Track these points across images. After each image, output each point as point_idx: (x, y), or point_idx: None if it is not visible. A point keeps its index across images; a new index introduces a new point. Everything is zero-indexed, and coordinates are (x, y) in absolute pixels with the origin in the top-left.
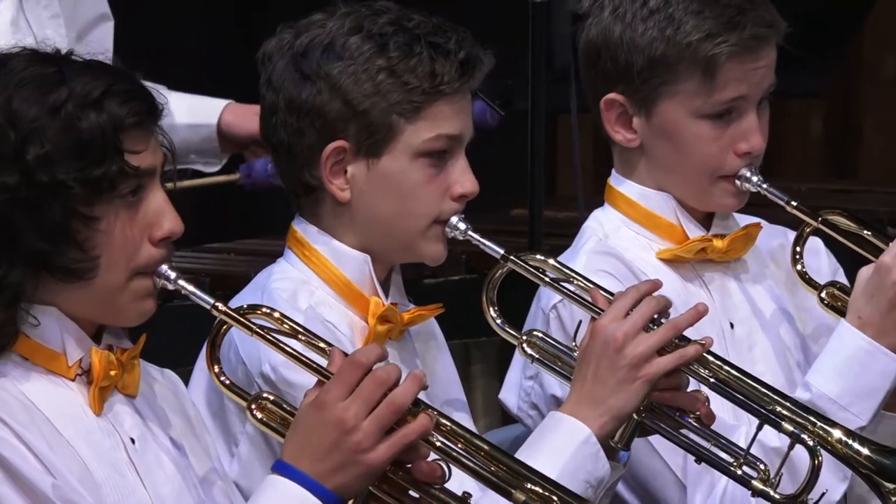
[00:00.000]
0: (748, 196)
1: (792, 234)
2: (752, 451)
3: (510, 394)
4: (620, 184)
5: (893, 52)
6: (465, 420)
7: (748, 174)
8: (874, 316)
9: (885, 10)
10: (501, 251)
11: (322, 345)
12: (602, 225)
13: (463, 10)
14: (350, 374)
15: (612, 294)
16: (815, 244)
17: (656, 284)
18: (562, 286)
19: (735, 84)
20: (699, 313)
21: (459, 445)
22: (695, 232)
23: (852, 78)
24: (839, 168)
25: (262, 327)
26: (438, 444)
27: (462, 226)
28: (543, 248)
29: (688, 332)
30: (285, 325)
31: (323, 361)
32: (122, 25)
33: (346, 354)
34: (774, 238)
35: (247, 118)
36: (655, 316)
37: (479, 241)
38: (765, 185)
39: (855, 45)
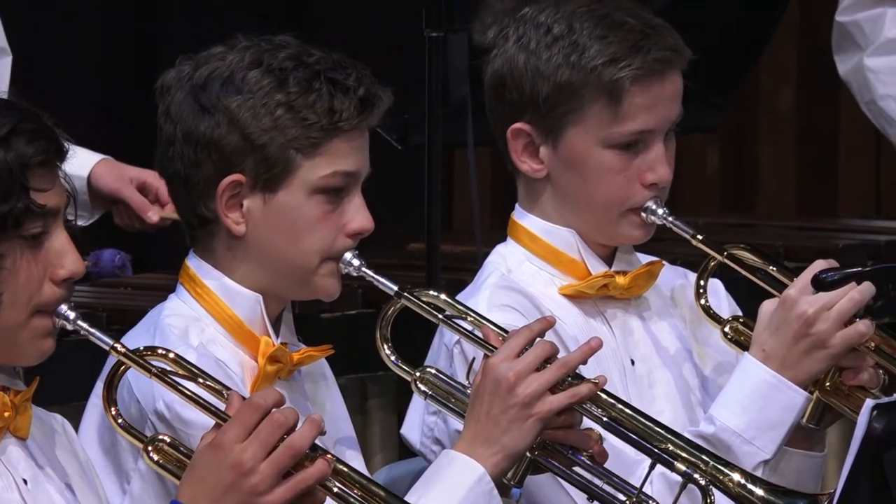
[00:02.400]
0: (654, 229)
1: (692, 276)
2: (657, 484)
3: (412, 429)
4: (523, 218)
5: (790, 85)
6: (356, 457)
7: (654, 206)
8: (778, 349)
9: (781, 42)
10: (395, 287)
11: (218, 387)
12: (505, 259)
13: (360, 44)
14: (248, 416)
15: (505, 331)
16: (715, 286)
17: (550, 322)
18: (455, 323)
19: (642, 111)
20: (591, 349)
21: (356, 491)
22: (597, 268)
23: (749, 111)
24: (736, 201)
25: (160, 369)
26: (335, 489)
27: (356, 262)
28: (440, 282)
29: (588, 368)
30: (183, 368)
31: (220, 404)
32: (18, 60)
33: (244, 398)
34: (676, 278)
35: (115, 176)
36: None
37: (372, 277)
38: (670, 218)
39: (751, 78)
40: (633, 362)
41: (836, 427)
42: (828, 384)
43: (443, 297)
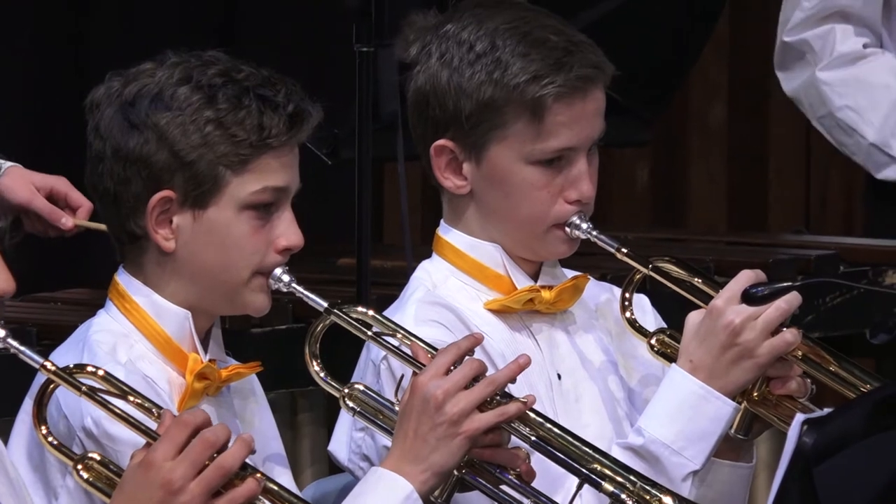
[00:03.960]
0: (578, 243)
1: (618, 290)
2: (585, 502)
3: (340, 446)
4: (448, 233)
5: (720, 101)
6: (285, 474)
7: (578, 221)
8: (706, 359)
9: (712, 58)
10: (325, 304)
11: (148, 405)
12: (430, 275)
13: (291, 59)
14: (178, 434)
15: (434, 348)
16: (641, 300)
17: (478, 339)
18: (384, 340)
19: (564, 128)
20: (519, 367)
21: None
22: (522, 283)
23: (679, 126)
24: (666, 217)
25: (90, 387)
26: None
27: (286, 278)
28: (371, 297)
29: (516, 383)
30: (113, 386)
31: (150, 422)
32: None
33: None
34: (601, 292)
35: (22, 185)
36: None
37: (302, 293)
38: (595, 233)
39: (681, 94)
40: (559, 376)
41: (767, 439)
42: (755, 394)
43: (371, 313)
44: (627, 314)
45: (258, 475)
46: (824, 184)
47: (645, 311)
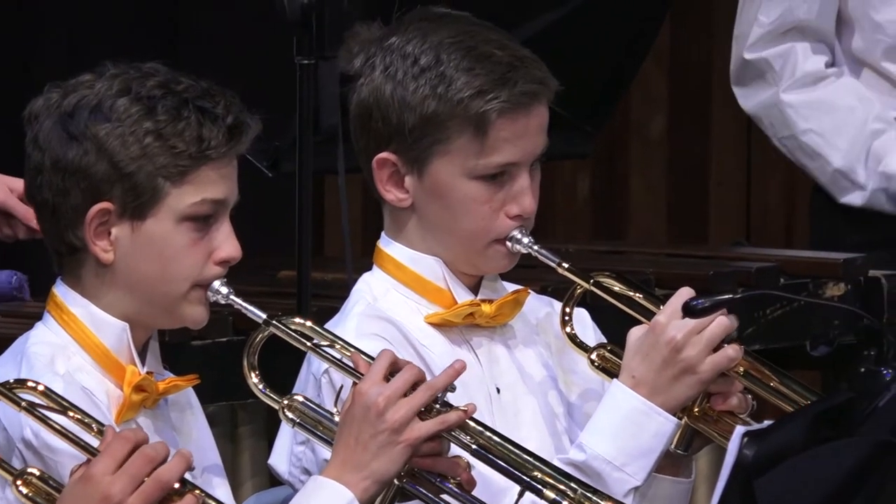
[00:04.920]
0: (518, 257)
1: (558, 305)
2: None
3: (280, 460)
4: (389, 246)
5: (661, 112)
6: (223, 485)
7: (519, 236)
8: (648, 375)
9: (652, 70)
10: (263, 316)
11: (88, 420)
12: (371, 288)
13: (231, 72)
14: (119, 449)
15: (373, 359)
16: (581, 315)
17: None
18: (324, 351)
19: (507, 144)
20: (456, 371)
21: None
22: (463, 296)
23: (620, 138)
24: (607, 229)
25: (29, 402)
26: None
27: (224, 290)
28: (311, 309)
29: (455, 396)
30: (52, 401)
31: (89, 437)
32: None
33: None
34: (542, 306)
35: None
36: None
37: (241, 305)
38: (536, 247)
39: (622, 106)
40: (498, 390)
41: (707, 452)
42: (696, 410)
43: (309, 324)
44: (568, 329)
45: (197, 491)
46: (764, 195)
47: (585, 325)
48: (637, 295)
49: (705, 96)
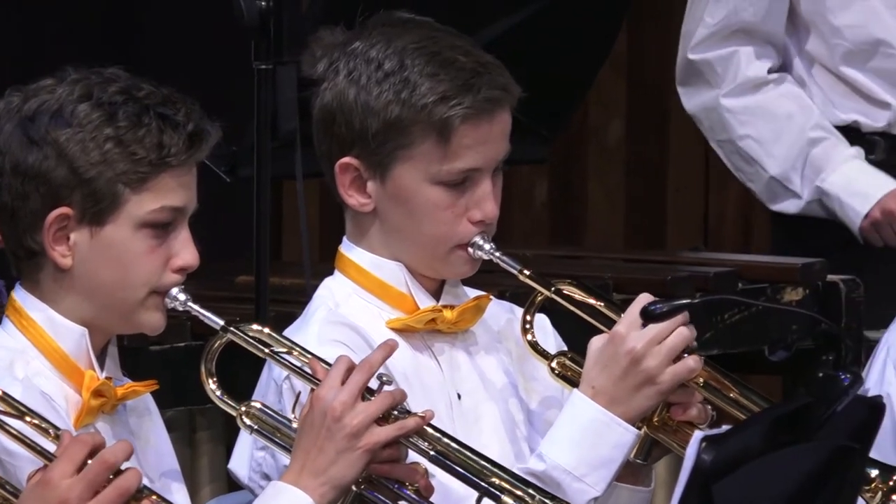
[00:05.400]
0: (479, 264)
1: (519, 310)
2: None
3: (241, 464)
4: (351, 251)
5: (618, 118)
6: (181, 490)
7: (481, 242)
8: (608, 385)
9: (609, 74)
10: (221, 322)
11: (45, 426)
12: (333, 293)
13: (188, 76)
14: (76, 453)
15: (332, 365)
16: (542, 321)
17: (392, 346)
18: (282, 358)
19: (470, 150)
20: (390, 347)
21: None
22: (425, 302)
23: (577, 144)
24: (565, 234)
25: None
26: None
27: (182, 297)
28: (269, 315)
29: (416, 402)
30: (10, 406)
31: (47, 443)
32: None
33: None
34: (503, 312)
35: None
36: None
37: (198, 311)
38: (497, 254)
39: (580, 111)
40: (459, 396)
41: (666, 457)
42: (656, 419)
43: (266, 331)
44: (529, 337)
45: (154, 497)
46: (723, 200)
47: (546, 332)
48: (598, 302)
49: (663, 102)
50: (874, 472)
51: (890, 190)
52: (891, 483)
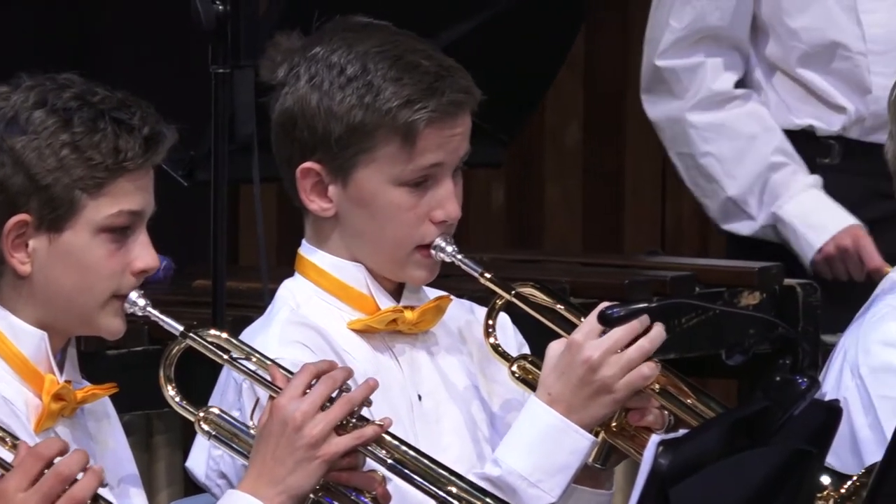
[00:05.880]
0: (438, 270)
1: (479, 310)
2: None
3: (198, 463)
4: (312, 254)
5: (575, 121)
6: (139, 495)
7: (443, 244)
8: (564, 393)
9: (567, 77)
10: (180, 328)
11: (2, 434)
12: (294, 294)
13: (145, 81)
14: (32, 465)
15: (291, 372)
16: (503, 321)
17: (334, 364)
18: (240, 364)
19: (433, 151)
20: (370, 388)
21: None
22: (386, 303)
23: (534, 147)
24: (522, 238)
25: None
26: None
27: (141, 301)
28: (227, 319)
29: (377, 404)
30: None
31: (3, 451)
32: None
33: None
34: (463, 314)
35: None
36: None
37: (157, 317)
38: (459, 256)
39: (536, 114)
40: (420, 397)
41: (623, 463)
42: (614, 425)
43: (225, 336)
44: (491, 339)
45: None
46: (680, 204)
47: (506, 332)
48: (558, 306)
49: (620, 105)
50: (827, 480)
51: (846, 225)
52: (843, 490)
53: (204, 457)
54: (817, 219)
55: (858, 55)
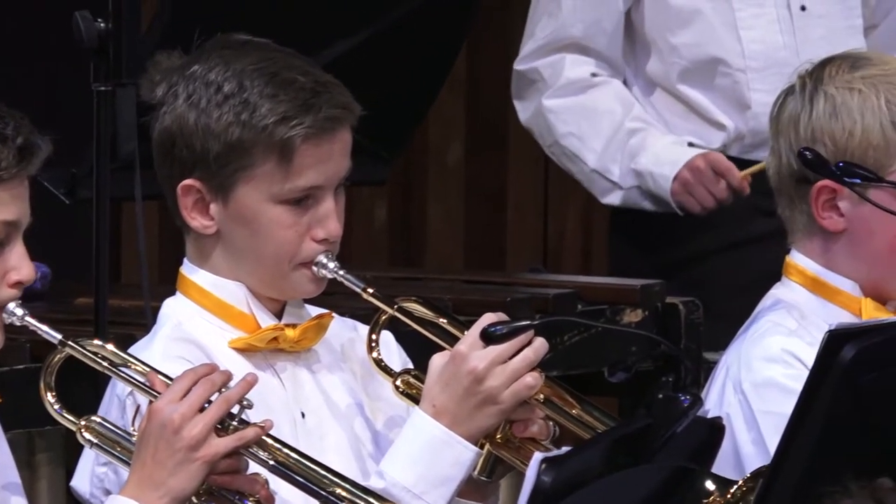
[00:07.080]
0: (325, 283)
1: (362, 328)
2: None
3: (83, 481)
4: (193, 273)
5: (457, 139)
6: (21, 503)
7: (325, 261)
8: (449, 404)
9: (449, 95)
10: (59, 336)
11: None
12: (176, 313)
13: (25, 97)
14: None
15: (171, 379)
16: (387, 338)
17: (214, 367)
18: (121, 371)
19: (312, 169)
20: (248, 384)
21: None
22: (267, 321)
23: (417, 165)
24: (404, 255)
25: None
26: None
27: (19, 311)
28: (109, 337)
29: (260, 419)
30: None
31: None
32: None
33: None
34: (346, 331)
35: None
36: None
37: (36, 326)
38: (341, 272)
39: (420, 131)
40: (303, 415)
41: (506, 478)
42: (498, 436)
43: (109, 346)
44: (374, 354)
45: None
46: (562, 221)
47: (390, 348)
48: (441, 320)
49: (502, 122)
50: (712, 486)
51: (698, 153)
52: (728, 496)
53: (88, 474)
54: (668, 155)
55: (738, 71)
